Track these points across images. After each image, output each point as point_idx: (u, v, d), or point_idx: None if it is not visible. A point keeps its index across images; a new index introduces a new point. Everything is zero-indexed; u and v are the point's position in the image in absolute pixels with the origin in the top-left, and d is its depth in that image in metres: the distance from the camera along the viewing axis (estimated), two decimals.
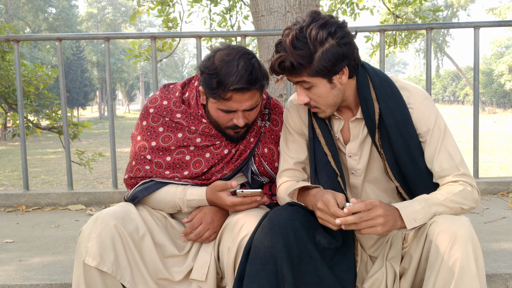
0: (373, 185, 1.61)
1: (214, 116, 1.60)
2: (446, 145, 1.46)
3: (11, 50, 4.50)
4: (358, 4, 6.66)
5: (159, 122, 1.66)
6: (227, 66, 1.49)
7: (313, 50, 1.36)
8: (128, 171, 1.70)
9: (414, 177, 1.49)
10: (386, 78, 1.52)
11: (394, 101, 1.48)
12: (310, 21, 1.38)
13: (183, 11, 5.83)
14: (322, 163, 1.54)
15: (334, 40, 1.37)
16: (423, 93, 1.51)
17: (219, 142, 1.67)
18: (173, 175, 1.66)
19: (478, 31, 2.98)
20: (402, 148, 1.47)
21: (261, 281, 1.32)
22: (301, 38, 1.37)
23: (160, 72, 48.68)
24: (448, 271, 1.24)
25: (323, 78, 1.41)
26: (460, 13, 39.43)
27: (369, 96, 1.48)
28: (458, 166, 1.44)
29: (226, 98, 1.51)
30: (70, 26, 31.52)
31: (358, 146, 1.55)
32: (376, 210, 1.29)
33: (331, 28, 1.37)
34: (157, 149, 1.66)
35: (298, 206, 1.47)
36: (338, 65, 1.40)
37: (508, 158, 11.55)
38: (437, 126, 1.47)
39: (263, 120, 1.74)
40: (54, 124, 5.00)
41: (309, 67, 1.38)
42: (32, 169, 11.08)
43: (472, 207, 1.43)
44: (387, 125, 1.47)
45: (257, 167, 1.71)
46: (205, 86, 1.54)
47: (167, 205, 1.66)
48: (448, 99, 43.50)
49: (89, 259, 1.44)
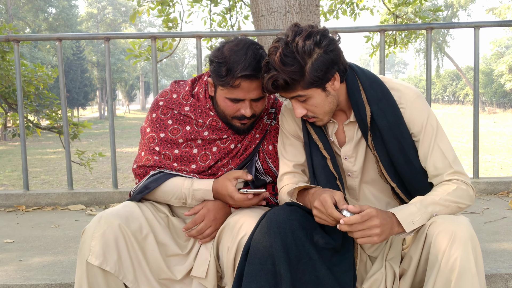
0: (371, 186, 1.61)
1: (222, 106, 1.62)
2: (439, 143, 1.46)
3: (11, 50, 4.49)
4: (358, 4, 6.66)
5: (168, 114, 1.70)
6: (235, 55, 1.53)
7: (303, 63, 1.36)
8: (137, 161, 1.73)
9: (410, 177, 1.50)
10: (376, 80, 1.52)
11: (385, 102, 1.48)
12: (294, 35, 1.38)
13: (183, 11, 5.83)
14: (320, 166, 1.54)
15: (321, 49, 1.37)
16: (414, 92, 1.51)
17: (226, 136, 1.70)
18: (180, 168, 1.69)
19: (478, 31, 2.98)
20: (396, 148, 1.48)
21: (260, 280, 1.33)
22: (288, 53, 1.36)
23: (160, 72, 48.70)
24: (448, 270, 1.25)
25: (317, 88, 1.41)
26: (460, 13, 39.46)
27: (360, 99, 1.49)
28: (452, 164, 1.45)
29: (234, 85, 1.53)
30: (70, 26, 31.53)
31: (353, 149, 1.56)
32: (372, 220, 1.29)
33: (316, 37, 1.37)
34: (166, 141, 1.69)
35: (297, 206, 1.47)
36: (329, 72, 1.40)
37: (508, 158, 11.55)
38: (430, 124, 1.47)
39: (269, 119, 1.77)
40: (54, 124, 5.00)
41: (302, 80, 1.38)
42: (32, 169, 11.08)
43: (468, 205, 1.44)
44: (379, 127, 1.47)
45: (261, 163, 1.73)
46: (215, 74, 1.57)
47: (174, 196, 1.66)
48: (448, 99, 43.51)
49: (92, 258, 1.45)
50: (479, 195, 2.98)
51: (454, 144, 14.66)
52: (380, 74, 2.99)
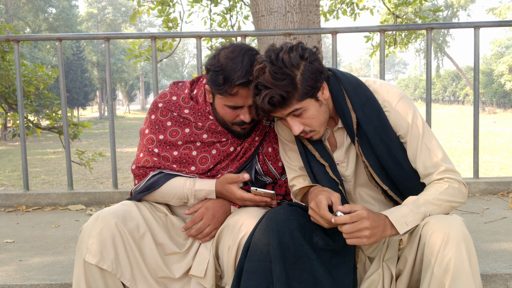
0: (366, 188, 1.62)
1: (221, 113, 1.62)
2: (426, 142, 1.46)
3: (11, 50, 4.50)
4: (358, 4, 6.66)
5: (167, 116, 1.70)
6: (232, 63, 1.52)
7: (293, 75, 1.37)
8: (136, 162, 1.73)
9: (401, 179, 1.50)
10: (359, 84, 1.52)
11: (370, 107, 1.48)
12: (276, 53, 1.38)
13: (183, 11, 5.82)
14: (321, 173, 1.55)
15: (305, 60, 1.39)
16: (397, 94, 1.50)
17: (225, 139, 1.70)
18: (180, 169, 1.69)
19: (478, 31, 2.98)
20: (384, 152, 1.48)
21: (259, 277, 1.34)
22: (277, 70, 1.36)
23: (160, 72, 48.68)
24: (442, 271, 1.25)
25: (311, 99, 1.42)
26: (460, 13, 39.46)
27: (345, 105, 1.50)
28: (441, 162, 1.45)
29: (232, 93, 1.53)
30: (70, 26, 31.51)
31: (344, 154, 1.57)
32: (362, 222, 1.30)
33: (298, 50, 1.39)
34: (165, 142, 1.69)
35: (298, 206, 1.47)
36: (318, 81, 1.42)
37: (508, 158, 11.56)
38: (415, 125, 1.47)
39: (268, 121, 1.77)
40: (54, 124, 5.00)
41: (296, 92, 1.39)
42: (32, 169, 11.08)
43: (461, 203, 1.44)
44: (366, 131, 1.48)
45: (261, 165, 1.74)
46: (212, 83, 1.57)
47: (175, 196, 1.67)
48: (448, 99, 43.49)
49: (90, 256, 1.45)
50: (479, 195, 2.98)
51: (454, 144, 14.67)
52: (380, 74, 3.00)
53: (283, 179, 1.78)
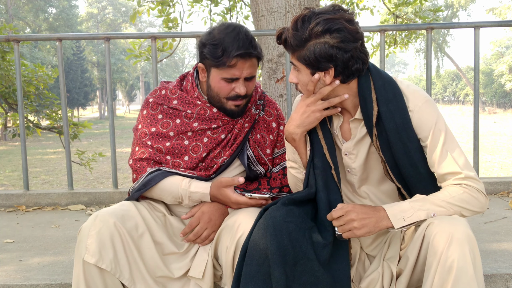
0: (371, 186, 1.60)
1: (217, 87, 1.66)
2: (448, 148, 1.43)
3: (11, 50, 4.50)
4: (358, 4, 6.67)
5: (158, 109, 1.75)
6: (228, 36, 1.61)
7: (308, 37, 1.39)
8: (132, 156, 1.75)
9: (414, 181, 1.48)
10: (390, 81, 1.50)
11: (395, 104, 1.46)
12: (324, 12, 1.40)
13: (183, 11, 5.83)
14: (319, 154, 1.55)
15: (331, 39, 1.37)
16: (423, 96, 1.49)
17: (215, 125, 1.73)
18: (174, 161, 1.70)
19: (478, 31, 2.98)
20: (402, 151, 1.46)
21: (257, 282, 1.33)
22: (305, 22, 1.40)
23: (160, 72, 48.70)
24: (446, 272, 1.24)
25: (306, 68, 1.44)
26: (460, 13, 39.50)
27: (369, 97, 1.48)
28: (462, 169, 1.41)
29: (231, 64, 1.60)
30: (70, 26, 31.53)
31: (354, 146, 1.55)
32: (348, 215, 1.36)
33: (334, 26, 1.36)
34: (157, 134, 1.72)
35: (292, 206, 1.47)
36: (323, 63, 1.40)
37: (508, 158, 11.56)
38: (438, 129, 1.45)
39: (258, 109, 1.81)
40: (54, 124, 5.01)
41: (298, 50, 1.42)
42: (32, 169, 11.09)
43: (475, 212, 1.41)
44: (387, 128, 1.46)
45: (252, 151, 1.77)
46: (210, 56, 1.62)
47: (170, 195, 1.67)
48: (448, 99, 43.50)
49: (88, 256, 1.46)
50: None
51: None
52: None
53: (277, 171, 1.79)
